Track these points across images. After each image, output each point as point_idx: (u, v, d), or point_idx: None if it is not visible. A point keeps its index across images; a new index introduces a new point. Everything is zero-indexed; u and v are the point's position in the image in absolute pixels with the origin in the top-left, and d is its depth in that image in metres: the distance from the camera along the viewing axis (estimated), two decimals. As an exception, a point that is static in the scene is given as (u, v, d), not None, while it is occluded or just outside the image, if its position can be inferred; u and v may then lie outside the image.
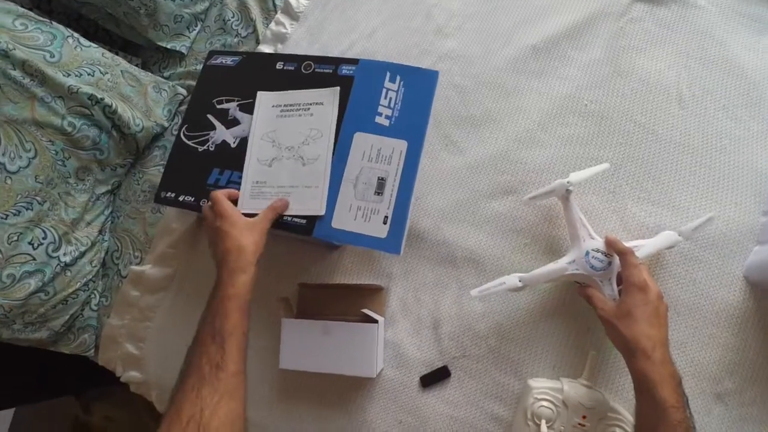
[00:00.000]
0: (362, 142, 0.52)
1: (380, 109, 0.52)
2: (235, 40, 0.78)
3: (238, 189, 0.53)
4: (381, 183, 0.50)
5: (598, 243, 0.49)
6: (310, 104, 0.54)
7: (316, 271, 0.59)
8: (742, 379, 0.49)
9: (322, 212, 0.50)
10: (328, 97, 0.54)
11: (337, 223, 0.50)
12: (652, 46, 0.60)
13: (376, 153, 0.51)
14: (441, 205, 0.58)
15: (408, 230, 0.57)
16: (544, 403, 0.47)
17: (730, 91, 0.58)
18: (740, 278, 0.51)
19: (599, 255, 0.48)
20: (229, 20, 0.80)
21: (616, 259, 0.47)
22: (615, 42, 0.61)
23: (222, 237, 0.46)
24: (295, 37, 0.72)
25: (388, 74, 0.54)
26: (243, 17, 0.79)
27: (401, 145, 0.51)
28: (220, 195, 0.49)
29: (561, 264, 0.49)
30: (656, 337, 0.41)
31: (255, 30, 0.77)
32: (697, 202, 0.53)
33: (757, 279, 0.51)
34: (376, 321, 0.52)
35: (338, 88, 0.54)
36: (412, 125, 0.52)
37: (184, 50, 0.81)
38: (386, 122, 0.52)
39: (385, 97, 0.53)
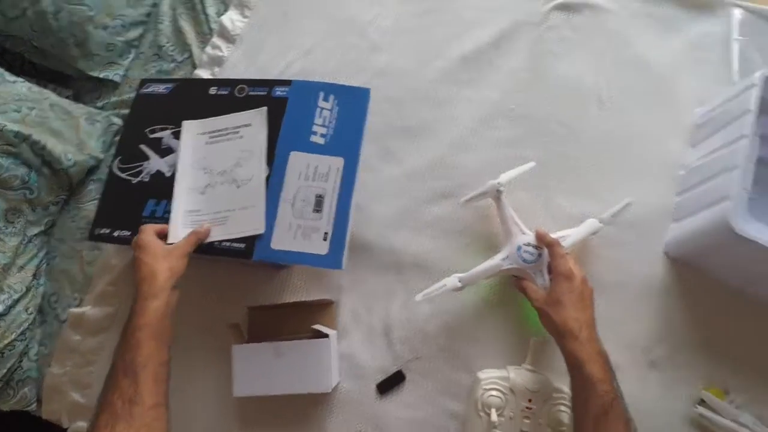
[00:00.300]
0: (298, 161, 0.54)
1: (315, 128, 0.55)
2: (171, 65, 0.78)
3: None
4: (319, 200, 0.52)
5: (529, 237, 0.53)
6: (239, 127, 0.56)
7: (265, 293, 0.60)
8: (671, 346, 0.55)
9: (263, 229, 0.51)
10: (256, 118, 0.56)
11: (276, 244, 0.51)
12: (569, 51, 0.66)
13: (312, 171, 0.53)
14: (384, 215, 0.60)
15: (353, 242, 0.59)
16: (493, 393, 0.50)
17: (642, 87, 0.65)
18: (661, 255, 0.57)
19: (530, 249, 0.52)
20: (164, 46, 0.80)
21: (546, 251, 0.51)
22: (536, 48, 0.66)
23: (137, 266, 0.46)
24: (232, 59, 0.73)
25: (322, 94, 0.56)
26: (178, 42, 0.80)
27: (337, 162, 0.53)
28: (145, 226, 0.50)
29: (496, 261, 0.53)
30: (583, 320, 0.46)
31: (191, 54, 0.77)
32: (617, 190, 0.59)
33: (676, 253, 0.57)
34: (327, 336, 0.53)
35: (265, 108, 0.56)
36: (347, 142, 0.54)
37: (117, 79, 0.81)
38: (321, 140, 0.54)
39: (320, 116, 0.55)
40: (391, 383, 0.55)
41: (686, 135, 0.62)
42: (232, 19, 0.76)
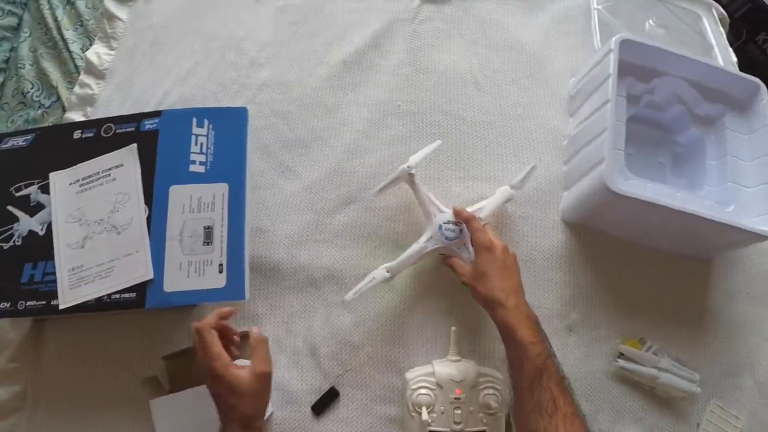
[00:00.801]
0: (180, 194, 0.51)
1: (193, 156, 0.53)
2: (39, 112, 0.73)
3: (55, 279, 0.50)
4: (208, 232, 0.50)
5: (448, 215, 0.55)
6: (110, 169, 0.53)
7: (179, 338, 0.57)
8: (584, 308, 0.58)
9: (151, 275, 0.49)
10: (127, 157, 0.53)
11: (169, 286, 0.49)
12: (443, 42, 0.69)
13: (196, 202, 0.51)
14: (290, 232, 0.60)
15: (262, 266, 0.58)
16: (422, 391, 0.50)
17: (515, 66, 0.69)
18: (559, 223, 0.61)
19: (450, 226, 0.54)
20: (29, 92, 0.74)
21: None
22: (412, 43, 0.69)
23: (223, 405, 0.43)
24: (104, 96, 0.69)
25: (195, 120, 0.54)
26: (44, 86, 0.74)
27: (222, 188, 0.52)
28: (211, 344, 0.43)
29: (420, 244, 0.54)
30: (509, 288, 0.48)
31: (59, 97, 0.72)
32: (508, 167, 0.62)
33: (571, 219, 0.61)
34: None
35: (135, 144, 0.53)
36: (230, 166, 0.53)
37: (-18, 135, 0.74)
38: (202, 169, 0.53)
39: (196, 144, 0.53)
40: (325, 402, 0.55)
41: (564, 106, 0.67)
42: (98, 53, 0.71)
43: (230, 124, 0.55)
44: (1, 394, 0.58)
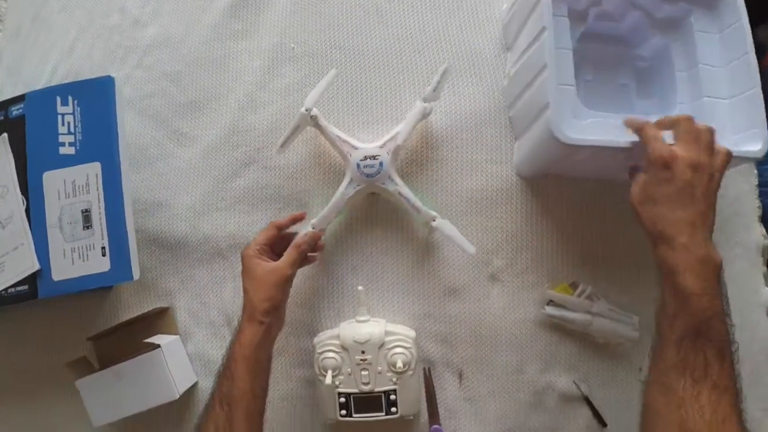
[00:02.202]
0: (53, 180, 0.51)
1: (61, 138, 0.52)
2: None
3: None
4: (86, 215, 0.50)
5: (363, 150, 0.51)
6: None
7: (103, 320, 0.59)
8: (508, 254, 0.56)
9: (37, 266, 0.50)
10: (-1, 149, 0.53)
11: (57, 275, 0.50)
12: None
13: (71, 186, 0.51)
14: (190, 203, 0.59)
15: (167, 241, 0.58)
16: (328, 354, 0.51)
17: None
18: (480, 162, 0.56)
19: (368, 161, 0.51)
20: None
21: (386, 156, 0.50)
22: (304, -29, 0.61)
23: (244, 294, 0.47)
24: (-3, 83, 0.68)
25: (59, 98, 0.52)
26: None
27: (94, 168, 0.51)
28: (260, 234, 0.49)
29: (341, 189, 0.52)
30: (683, 220, 0.37)
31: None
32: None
33: (529, 173, 0.55)
34: (158, 346, 0.54)
35: (5, 134, 0.52)
36: (101, 142, 0.52)
37: None
38: (72, 150, 0.52)
39: (63, 124, 0.52)
40: (247, 370, 0.57)
41: (498, 37, 0.58)
42: (-16, 36, 0.70)
43: (96, 97, 0.53)
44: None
